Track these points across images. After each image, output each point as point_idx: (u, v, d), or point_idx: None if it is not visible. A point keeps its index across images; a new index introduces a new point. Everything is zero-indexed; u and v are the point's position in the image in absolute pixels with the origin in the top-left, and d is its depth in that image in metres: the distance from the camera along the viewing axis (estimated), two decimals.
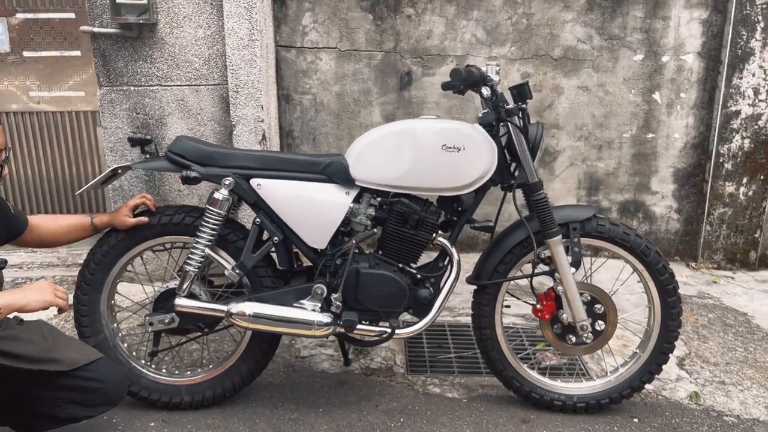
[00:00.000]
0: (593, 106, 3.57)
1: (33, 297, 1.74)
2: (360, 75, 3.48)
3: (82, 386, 1.90)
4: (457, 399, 2.39)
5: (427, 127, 2.09)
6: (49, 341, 1.92)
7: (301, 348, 2.73)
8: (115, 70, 3.03)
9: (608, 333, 2.23)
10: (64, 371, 1.87)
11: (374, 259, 2.16)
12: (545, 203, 2.13)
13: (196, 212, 2.18)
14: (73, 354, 1.92)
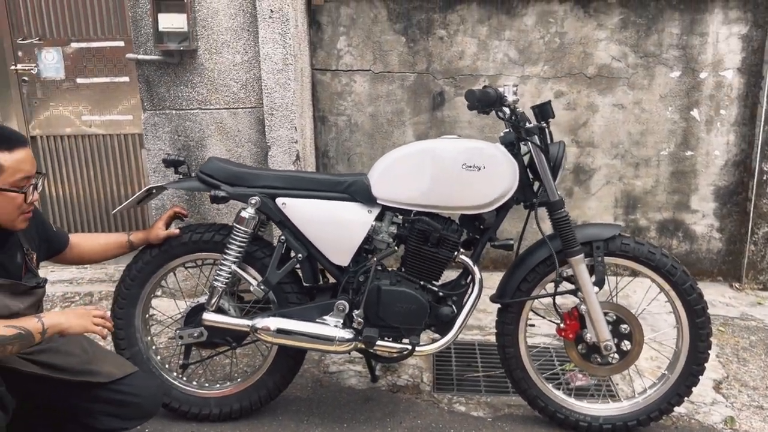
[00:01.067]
0: (629, 124, 3.53)
1: (75, 322, 1.81)
2: (393, 96, 3.55)
3: (119, 399, 1.99)
4: (482, 418, 2.39)
5: (447, 147, 2.12)
6: (88, 354, 2.03)
7: (329, 364, 2.78)
8: (158, 94, 3.18)
9: (634, 353, 2.20)
10: (101, 384, 1.97)
11: (396, 277, 2.20)
12: (567, 222, 2.13)
13: (225, 230, 2.27)
14: (110, 367, 2.02)
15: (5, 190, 1.74)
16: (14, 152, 1.74)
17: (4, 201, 1.75)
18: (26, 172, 1.77)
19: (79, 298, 3.44)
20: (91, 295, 3.46)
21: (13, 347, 1.68)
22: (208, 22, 3.08)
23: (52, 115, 3.73)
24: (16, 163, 1.74)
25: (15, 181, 1.75)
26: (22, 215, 1.81)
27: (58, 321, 1.78)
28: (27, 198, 1.78)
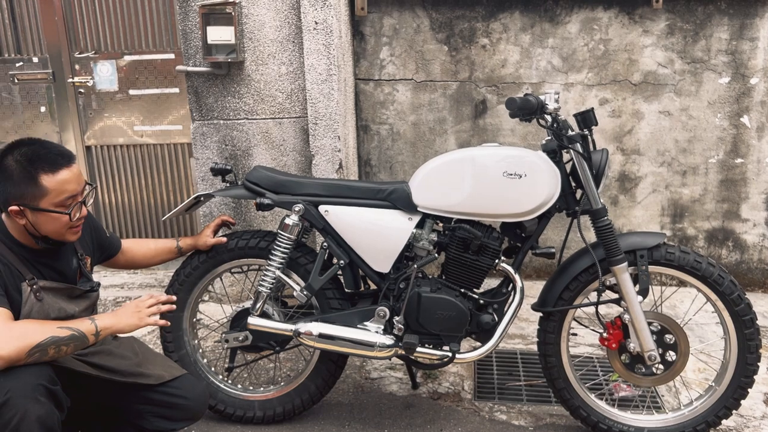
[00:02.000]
0: (676, 131, 3.47)
1: (126, 321, 1.89)
2: (435, 105, 3.57)
3: (167, 401, 2.05)
4: (523, 426, 2.38)
5: (488, 155, 2.13)
6: (138, 357, 2.10)
7: (371, 370, 2.81)
8: (207, 105, 3.28)
9: (680, 364, 2.16)
10: (151, 386, 2.04)
11: (436, 284, 2.21)
12: (610, 230, 2.11)
13: (269, 237, 2.32)
14: (159, 370, 2.09)
15: (50, 211, 1.80)
16: (58, 174, 1.78)
17: (50, 220, 1.81)
18: (71, 191, 1.81)
19: (130, 302, 3.55)
20: None
21: (67, 348, 1.75)
22: (254, 35, 3.16)
23: (106, 125, 3.88)
24: (59, 185, 1.78)
25: (59, 201, 1.80)
26: (72, 229, 1.87)
27: (110, 323, 1.85)
28: (72, 217, 1.83)
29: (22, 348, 1.65)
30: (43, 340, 1.68)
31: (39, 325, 1.72)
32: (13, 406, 1.64)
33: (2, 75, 3.85)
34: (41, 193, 1.78)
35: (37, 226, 1.82)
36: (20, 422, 1.64)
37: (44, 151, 1.80)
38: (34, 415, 1.66)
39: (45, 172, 1.77)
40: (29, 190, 1.77)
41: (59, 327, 1.73)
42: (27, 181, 1.76)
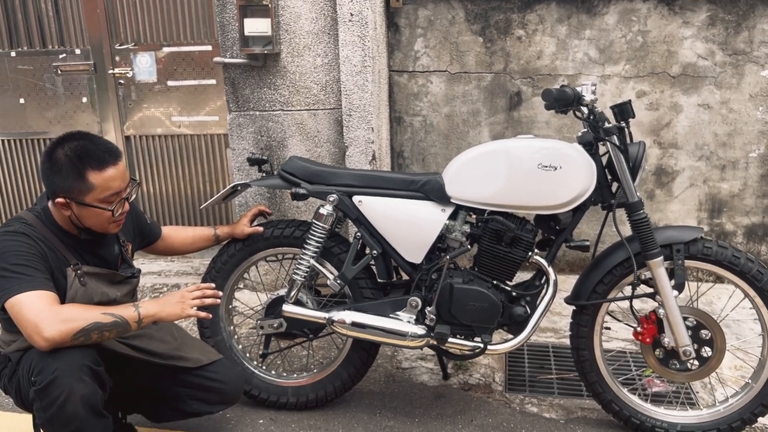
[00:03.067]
0: (715, 125, 3.40)
1: (168, 310, 1.90)
2: (469, 96, 3.56)
3: (205, 384, 2.12)
4: (555, 419, 2.38)
5: (523, 146, 2.12)
6: (177, 341, 2.16)
7: (402, 360, 2.83)
8: (243, 96, 3.33)
9: (715, 360, 2.13)
10: (190, 369, 2.10)
11: (469, 275, 2.22)
12: (646, 223, 2.09)
13: (304, 226, 2.36)
14: (197, 354, 2.15)
15: (94, 207, 1.86)
16: (104, 171, 1.84)
17: (93, 215, 1.88)
18: (115, 189, 1.87)
19: (167, 289, 3.63)
20: (178, 287, 3.65)
21: (110, 334, 1.80)
22: (290, 26, 3.19)
23: (145, 116, 3.96)
24: (105, 182, 1.84)
25: (104, 197, 1.85)
26: (113, 223, 1.93)
27: (153, 311, 1.87)
28: (115, 213, 1.89)
29: (66, 332, 1.71)
30: (87, 325, 1.73)
31: (84, 310, 1.78)
32: (59, 385, 1.71)
33: (46, 66, 3.96)
34: (87, 189, 1.83)
35: (81, 219, 1.89)
36: (66, 400, 1.71)
37: (93, 148, 1.85)
38: (79, 394, 1.72)
39: (92, 169, 1.82)
40: (76, 185, 1.83)
41: (103, 313, 1.78)
42: (74, 176, 1.82)
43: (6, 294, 1.74)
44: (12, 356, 1.89)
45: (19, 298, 1.72)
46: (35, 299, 1.73)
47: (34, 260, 1.80)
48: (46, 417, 1.74)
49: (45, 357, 1.73)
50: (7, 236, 1.82)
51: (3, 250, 1.79)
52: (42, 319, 1.70)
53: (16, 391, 1.91)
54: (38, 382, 1.73)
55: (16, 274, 1.75)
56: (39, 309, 1.71)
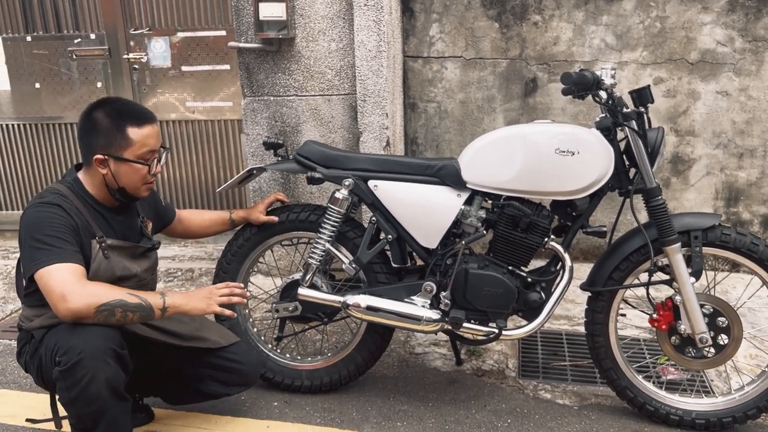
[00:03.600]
0: (733, 112, 3.37)
1: (194, 304, 1.91)
2: (484, 82, 3.54)
3: (224, 366, 2.14)
4: (568, 406, 2.38)
5: (540, 131, 2.11)
6: (196, 323, 2.18)
7: (415, 345, 2.83)
8: (258, 81, 3.33)
9: (732, 348, 2.12)
10: (209, 350, 2.12)
11: (484, 261, 2.21)
12: (663, 210, 2.07)
13: (319, 210, 2.36)
14: (216, 336, 2.17)
15: (133, 161, 1.92)
16: (143, 128, 1.93)
17: (131, 171, 1.93)
18: (152, 146, 1.95)
19: (181, 273, 3.66)
20: (192, 271, 3.67)
21: (133, 316, 1.81)
22: (305, 11, 3.18)
23: (159, 101, 3.97)
24: (143, 138, 1.92)
25: (141, 153, 1.93)
26: (146, 185, 1.99)
27: (179, 302, 1.88)
28: (151, 170, 1.96)
29: (91, 304, 1.74)
30: (112, 301, 1.76)
31: (110, 288, 1.81)
32: (84, 366, 1.73)
33: (61, 51, 3.98)
34: (127, 144, 1.91)
35: (117, 177, 1.93)
36: (90, 382, 1.73)
37: (131, 107, 1.97)
38: (103, 376, 1.75)
39: (132, 125, 1.91)
40: (116, 140, 1.90)
41: (128, 293, 1.81)
42: (115, 132, 1.90)
43: (36, 264, 1.77)
44: (35, 333, 1.92)
45: (48, 269, 1.76)
46: (64, 271, 1.77)
47: (66, 232, 1.84)
48: (70, 397, 1.77)
49: (71, 337, 1.76)
50: (41, 207, 1.86)
51: (36, 221, 1.83)
52: (69, 291, 1.73)
53: (37, 369, 1.93)
54: (63, 363, 1.75)
55: (48, 246, 1.79)
56: (66, 281, 1.75)
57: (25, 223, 1.85)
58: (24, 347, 1.99)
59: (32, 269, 1.78)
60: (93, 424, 1.80)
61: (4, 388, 2.53)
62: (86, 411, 1.78)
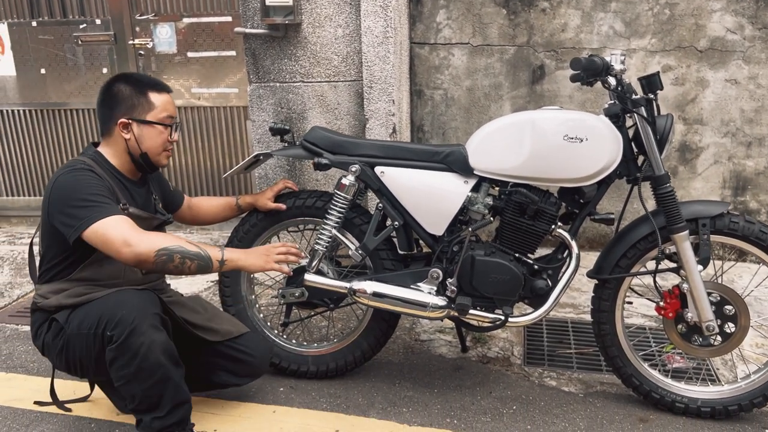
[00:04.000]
0: (742, 101, 3.34)
1: (252, 261, 1.96)
2: (491, 69, 3.52)
3: (234, 356, 2.16)
4: (573, 393, 2.38)
5: (549, 117, 2.10)
6: (208, 313, 2.20)
7: (420, 332, 2.84)
8: (264, 67, 3.31)
9: (738, 336, 2.12)
10: (220, 341, 2.14)
11: (490, 248, 2.21)
12: (672, 197, 2.06)
13: (326, 197, 2.35)
14: (227, 326, 2.19)
15: (156, 123, 2.02)
16: (162, 94, 2.05)
17: (154, 133, 2.02)
18: (170, 112, 2.06)
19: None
20: None
21: (191, 264, 1.84)
22: None
23: None
24: (163, 103, 2.04)
25: (162, 117, 2.03)
26: (165, 152, 2.08)
27: (237, 256, 1.94)
28: (171, 134, 2.06)
29: (153, 246, 1.78)
30: (171, 246, 1.80)
31: (169, 236, 1.88)
32: (140, 334, 1.75)
33: (67, 36, 3.96)
34: (149, 107, 2.01)
35: (141, 141, 2.01)
36: (148, 350, 1.76)
37: (149, 77, 2.09)
38: (158, 341, 1.78)
39: (153, 91, 2.03)
40: (139, 104, 2.00)
41: (187, 242, 1.85)
42: (137, 97, 2.00)
43: (88, 221, 1.80)
44: (59, 316, 1.92)
45: (103, 222, 1.80)
46: (120, 221, 1.82)
47: (105, 193, 1.88)
48: (130, 373, 1.77)
49: (115, 309, 1.77)
50: (76, 172, 1.89)
51: (75, 184, 1.86)
52: (130, 236, 1.78)
53: (60, 349, 1.92)
54: (116, 337, 1.75)
55: (95, 203, 1.83)
56: (125, 228, 1.80)
57: (60, 188, 1.87)
58: (40, 329, 1.98)
59: (83, 226, 1.80)
60: (159, 396, 1.82)
61: (12, 372, 2.55)
62: (150, 383, 1.79)
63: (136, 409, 1.85)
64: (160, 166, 2.11)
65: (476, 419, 2.20)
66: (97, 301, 1.84)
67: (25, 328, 2.94)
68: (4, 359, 2.65)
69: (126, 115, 2.00)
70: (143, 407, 1.84)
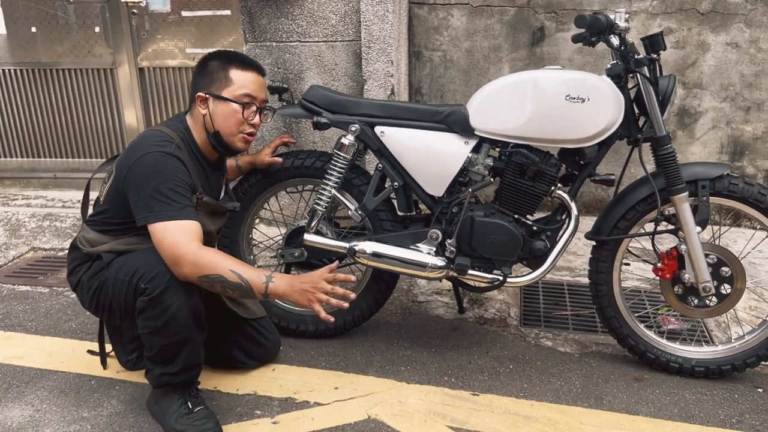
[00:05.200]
0: (743, 65, 3.32)
1: (295, 297, 1.79)
2: (491, 31, 3.48)
3: (254, 337, 2.20)
4: (569, 353, 2.41)
5: (551, 77, 2.08)
6: None
7: (418, 294, 2.85)
8: (260, 26, 3.26)
9: (734, 297, 2.14)
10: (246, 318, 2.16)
11: (490, 209, 2.21)
12: (672, 158, 2.06)
13: (325, 157, 2.34)
14: (252, 306, 2.21)
15: (228, 100, 1.95)
16: (246, 71, 1.98)
17: (226, 111, 1.96)
18: (251, 90, 1.97)
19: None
20: None
21: (232, 293, 1.77)
22: None
23: (159, 47, 3.90)
24: (243, 80, 1.96)
25: (238, 95, 1.95)
26: (242, 135, 2.00)
27: (282, 290, 1.78)
28: (244, 112, 1.96)
29: (196, 273, 1.74)
30: (212, 275, 1.74)
31: (218, 261, 1.75)
32: (173, 293, 1.76)
33: None
34: (227, 83, 1.96)
35: (214, 117, 1.96)
36: (178, 310, 1.77)
37: (242, 55, 2.04)
38: (189, 303, 1.79)
39: (236, 68, 1.97)
40: (219, 80, 1.96)
41: (232, 270, 1.74)
42: (219, 72, 1.96)
43: (155, 217, 1.77)
44: (104, 255, 1.92)
45: (165, 226, 1.76)
46: (178, 231, 1.75)
47: (184, 187, 1.83)
48: (156, 326, 1.78)
49: (154, 265, 1.77)
50: (164, 157, 1.83)
51: (159, 169, 1.81)
52: (183, 254, 1.73)
53: (94, 290, 1.92)
54: (150, 290, 1.76)
55: (167, 200, 1.78)
56: (179, 242, 1.73)
57: (144, 166, 1.82)
58: (79, 267, 1.98)
59: (150, 220, 1.78)
60: (175, 354, 1.84)
61: (11, 331, 2.55)
62: (172, 341, 1.81)
63: (151, 359, 1.88)
64: (235, 149, 2.01)
65: (473, 378, 2.23)
66: (141, 252, 1.83)
67: (21, 288, 2.94)
68: (2, 318, 2.65)
69: (205, 89, 1.96)
70: (158, 359, 1.86)
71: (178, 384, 1.90)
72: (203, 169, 2.01)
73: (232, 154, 2.09)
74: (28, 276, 3.07)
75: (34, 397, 2.11)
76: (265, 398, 2.10)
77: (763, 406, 2.07)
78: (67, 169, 4.25)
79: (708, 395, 2.13)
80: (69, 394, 2.12)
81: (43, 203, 3.98)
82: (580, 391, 2.16)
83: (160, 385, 1.92)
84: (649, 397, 2.12)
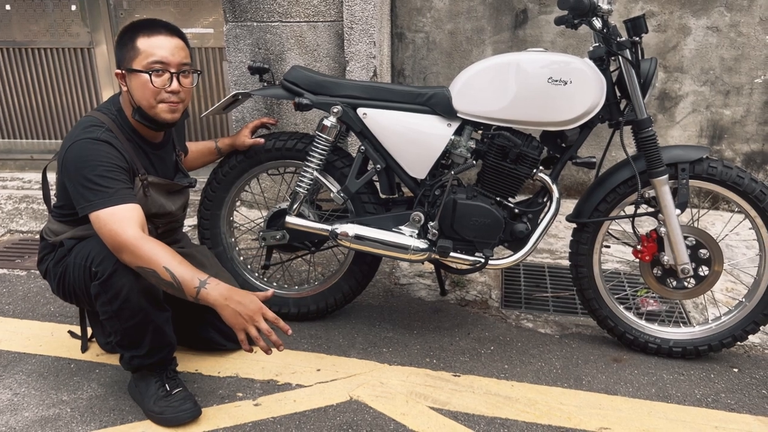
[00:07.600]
0: (723, 49, 3.34)
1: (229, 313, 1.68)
2: (474, 13, 3.46)
3: None
4: (550, 335, 2.43)
5: (533, 59, 2.07)
6: (214, 268, 2.19)
7: (400, 276, 2.86)
8: (240, 6, 3.21)
9: (712, 279, 2.17)
10: None
11: (472, 191, 2.21)
12: (653, 141, 2.07)
13: (307, 139, 2.32)
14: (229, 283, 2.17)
15: (138, 71, 1.82)
16: (153, 37, 1.82)
17: (139, 83, 1.83)
18: (159, 57, 1.81)
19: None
20: None
21: (166, 288, 1.73)
22: None
23: None
24: (150, 47, 1.81)
25: (147, 63, 1.81)
26: (163, 104, 1.86)
27: (213, 300, 1.68)
28: (153, 81, 1.82)
29: (133, 262, 1.70)
30: (147, 268, 1.70)
31: (155, 255, 1.69)
32: (122, 275, 1.74)
33: None
34: (135, 54, 1.82)
35: (132, 93, 1.86)
36: (130, 292, 1.75)
37: (148, 20, 1.86)
38: (141, 285, 1.76)
39: (142, 35, 1.82)
40: (129, 52, 1.83)
41: (166, 267, 1.68)
42: (128, 44, 1.83)
43: (91, 207, 1.74)
44: (66, 242, 1.90)
45: (101, 214, 1.72)
46: (116, 217, 1.71)
47: (116, 171, 1.78)
48: (113, 310, 1.77)
49: (104, 248, 1.74)
50: (90, 143, 1.78)
51: (86, 157, 1.76)
52: (121, 242, 1.69)
53: (59, 277, 1.92)
54: (99, 274, 1.74)
55: (100, 187, 1.74)
56: (118, 230, 1.69)
57: (72, 157, 1.77)
58: (46, 256, 1.98)
59: (85, 210, 1.75)
60: (139, 336, 1.82)
61: None
62: (131, 323, 1.79)
63: (119, 344, 1.87)
64: (162, 121, 1.88)
65: (455, 359, 2.24)
66: (95, 238, 1.80)
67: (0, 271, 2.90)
68: None
69: (120, 64, 1.86)
70: (124, 343, 1.85)
71: (152, 365, 1.89)
72: (141, 149, 1.94)
73: (164, 128, 1.94)
74: (5, 259, 3.03)
75: (12, 380, 2.09)
76: (246, 380, 2.10)
77: (738, 385, 2.11)
78: (44, 150, 4.19)
79: (685, 375, 2.17)
80: (48, 378, 2.10)
81: (19, 185, 3.92)
82: (560, 371, 2.18)
83: (133, 368, 1.91)
84: (628, 377, 2.15)
